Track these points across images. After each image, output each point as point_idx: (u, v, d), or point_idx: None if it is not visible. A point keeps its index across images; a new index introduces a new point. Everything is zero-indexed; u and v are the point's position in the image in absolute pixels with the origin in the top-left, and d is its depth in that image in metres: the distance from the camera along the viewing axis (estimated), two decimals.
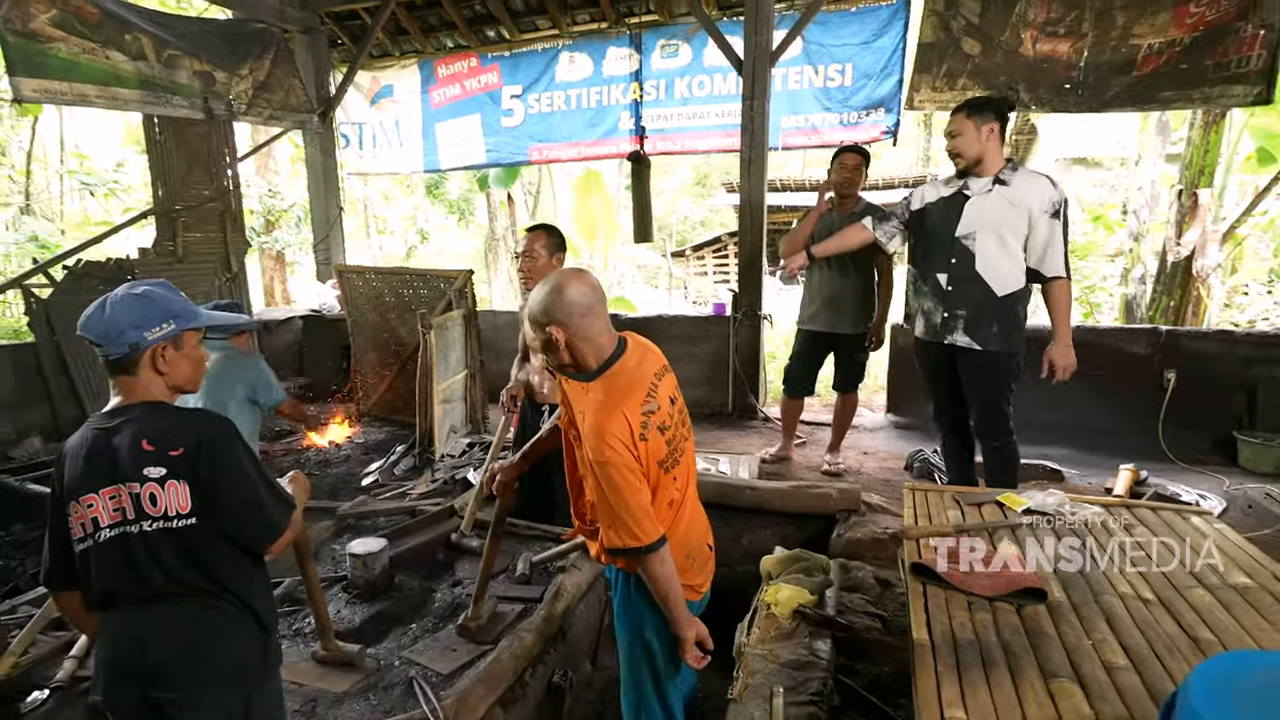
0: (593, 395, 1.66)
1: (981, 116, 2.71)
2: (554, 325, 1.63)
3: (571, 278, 1.68)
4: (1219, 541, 1.87)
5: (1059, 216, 2.65)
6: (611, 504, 1.59)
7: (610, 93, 5.65)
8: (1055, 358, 2.76)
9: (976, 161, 2.75)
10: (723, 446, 4.45)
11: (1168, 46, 4.32)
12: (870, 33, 4.91)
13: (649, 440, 1.63)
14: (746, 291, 4.94)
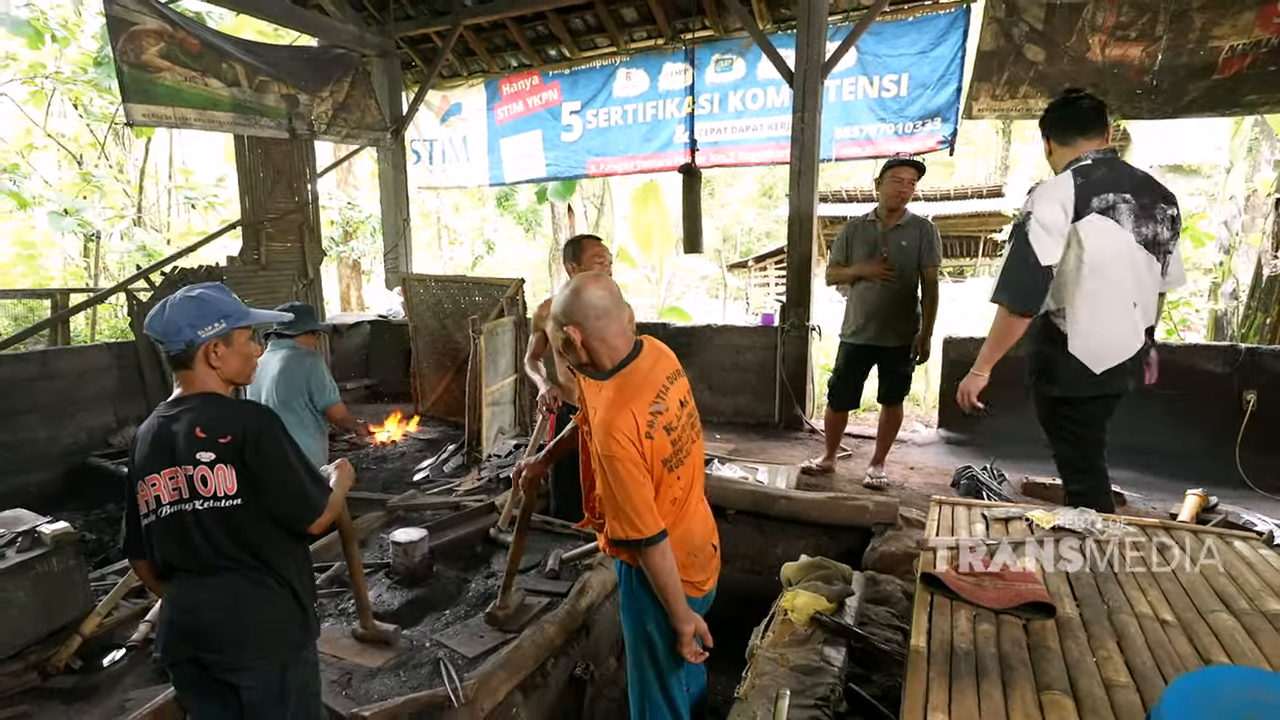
0: (605, 393, 1.75)
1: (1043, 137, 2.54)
2: (571, 325, 1.73)
3: (590, 282, 1.78)
4: (1261, 568, 1.78)
5: (1011, 237, 2.37)
6: (616, 496, 1.67)
7: (665, 107, 5.77)
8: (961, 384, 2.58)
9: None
10: (765, 456, 4.45)
11: (1252, 48, 4.08)
12: (928, 42, 4.85)
13: (654, 439, 1.71)
14: (795, 303, 4.93)
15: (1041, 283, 2.31)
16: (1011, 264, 2.33)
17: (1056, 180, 2.35)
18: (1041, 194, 2.34)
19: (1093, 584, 1.75)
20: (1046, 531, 2.07)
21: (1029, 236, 2.30)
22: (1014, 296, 2.34)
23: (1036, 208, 2.31)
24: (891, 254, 3.65)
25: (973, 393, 2.53)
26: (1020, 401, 4.45)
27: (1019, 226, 2.34)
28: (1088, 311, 2.39)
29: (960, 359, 4.66)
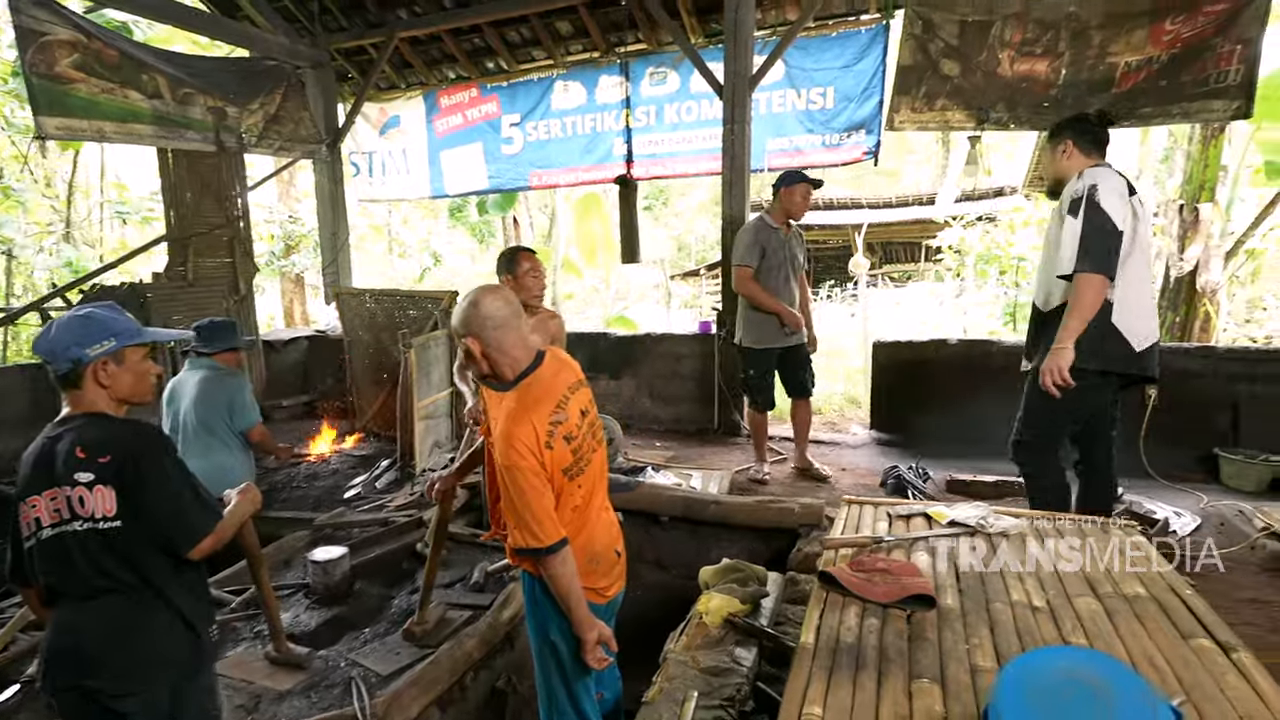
0: (506, 403, 1.76)
1: (1057, 135, 2.67)
2: (470, 337, 1.74)
3: (487, 293, 1.79)
4: (1129, 553, 1.88)
5: (1076, 211, 2.38)
6: (516, 506, 1.68)
7: (603, 119, 5.82)
8: (1044, 363, 2.47)
9: (1056, 181, 2.66)
10: (702, 463, 4.50)
11: (1146, 64, 4.33)
12: (851, 56, 5.01)
13: (554, 449, 1.72)
14: (730, 310, 5.00)
15: (1117, 247, 2.34)
16: (1088, 231, 2.33)
17: (1099, 169, 2.46)
18: (1097, 173, 2.43)
19: (978, 575, 1.83)
20: (942, 526, 2.15)
21: (1101, 204, 2.33)
22: (1097, 262, 2.33)
23: (1100, 181, 2.37)
24: (791, 259, 3.96)
25: (1063, 367, 2.40)
26: (945, 400, 4.64)
27: (1085, 198, 2.36)
28: (1130, 287, 2.43)
29: (889, 362, 4.81)
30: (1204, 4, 4.10)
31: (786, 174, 3.93)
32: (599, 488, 1.96)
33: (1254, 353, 3.97)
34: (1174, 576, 1.74)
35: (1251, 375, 3.94)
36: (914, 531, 2.14)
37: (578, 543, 1.78)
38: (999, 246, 8.25)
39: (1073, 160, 2.56)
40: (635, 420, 5.49)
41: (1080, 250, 2.34)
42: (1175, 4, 4.16)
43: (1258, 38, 4.05)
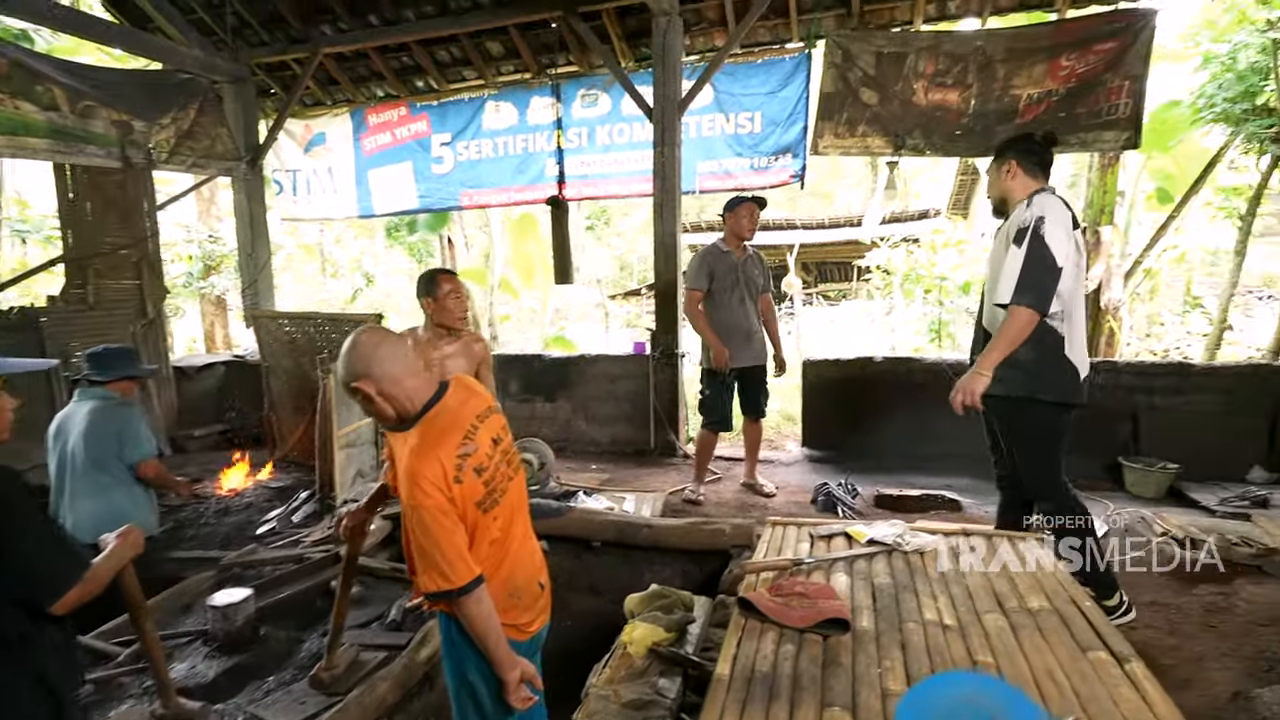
0: (410, 440, 1.67)
1: (1001, 155, 2.64)
2: (360, 380, 1.65)
3: (366, 333, 1.71)
4: (1034, 565, 1.93)
5: (1021, 242, 2.35)
6: (424, 547, 1.59)
7: (535, 140, 5.79)
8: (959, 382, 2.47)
9: (1001, 200, 2.64)
10: (638, 485, 4.45)
11: (1046, 96, 4.60)
12: (776, 83, 5.15)
13: (464, 482, 1.64)
14: (664, 330, 5.02)
15: (1055, 283, 2.32)
16: (1029, 265, 2.30)
17: (1048, 196, 2.44)
18: (1046, 203, 2.40)
19: (894, 594, 1.84)
20: (862, 545, 2.16)
21: (1046, 239, 2.31)
22: (1037, 298, 2.30)
23: (1047, 212, 2.35)
24: (747, 282, 3.94)
25: (977, 391, 2.40)
26: (872, 417, 4.76)
27: (1030, 230, 2.33)
28: (1075, 321, 2.46)
29: (819, 380, 4.90)
30: (1095, 43, 4.40)
31: (730, 199, 3.96)
32: (518, 518, 1.88)
33: (1150, 366, 4.22)
34: (1075, 587, 1.79)
35: (1149, 388, 4.18)
36: (834, 552, 2.15)
37: (497, 577, 1.70)
38: (923, 266, 8.59)
39: (1017, 180, 2.55)
40: (571, 443, 5.41)
41: (1020, 282, 2.32)
42: (1070, 42, 4.46)
43: (1142, 75, 4.37)
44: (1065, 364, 2.44)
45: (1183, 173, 7.15)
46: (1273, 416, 3.98)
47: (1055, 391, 2.46)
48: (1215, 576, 2.94)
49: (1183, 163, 7.14)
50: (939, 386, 4.56)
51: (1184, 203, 6.63)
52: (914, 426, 4.64)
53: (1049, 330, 2.40)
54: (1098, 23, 4.42)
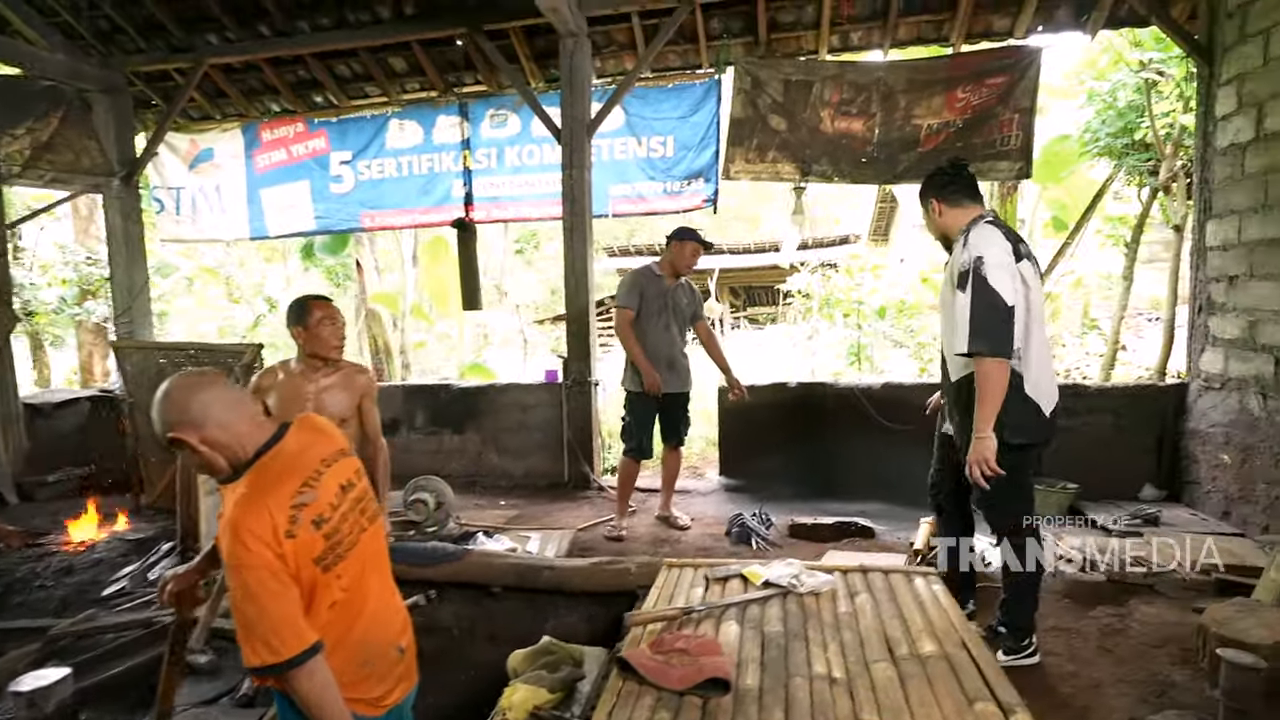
0: (239, 490, 1.45)
1: (924, 199, 2.58)
2: (179, 430, 1.43)
3: (179, 377, 1.50)
4: (929, 606, 1.87)
5: (964, 286, 2.27)
6: (246, 613, 1.36)
7: (441, 160, 5.59)
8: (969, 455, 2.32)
9: (943, 238, 2.56)
10: (548, 521, 4.26)
11: (944, 127, 4.78)
12: (688, 107, 5.16)
13: (298, 536, 1.43)
14: (576, 357, 4.87)
15: (1010, 324, 2.24)
16: (977, 310, 2.23)
17: (982, 229, 2.35)
18: (981, 239, 2.31)
19: (783, 645, 1.73)
20: (757, 588, 2.06)
21: (988, 280, 2.23)
22: (994, 343, 2.22)
23: (984, 251, 2.26)
24: (674, 308, 3.93)
25: (989, 456, 2.26)
26: (787, 443, 4.74)
27: (971, 273, 2.26)
28: (1035, 355, 2.37)
29: (734, 406, 4.83)
30: (987, 77, 4.61)
31: (681, 229, 3.93)
32: (371, 575, 1.67)
33: None
34: (967, 630, 1.73)
35: None
36: (728, 597, 2.03)
37: (345, 644, 1.49)
38: (841, 291, 8.81)
39: (947, 216, 2.50)
40: (482, 477, 5.16)
41: (972, 329, 2.24)
42: (964, 75, 4.65)
43: (1031, 108, 4.59)
44: (1026, 403, 2.36)
45: (1075, 202, 7.61)
46: (1160, 435, 4.18)
47: (1018, 433, 2.36)
48: (1111, 597, 3.01)
49: (1074, 193, 7.62)
50: (851, 412, 4.66)
51: (1076, 231, 7.05)
52: (828, 452, 4.65)
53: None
54: (988, 58, 4.64)
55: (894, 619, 1.80)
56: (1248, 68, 3.53)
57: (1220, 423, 3.79)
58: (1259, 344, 3.48)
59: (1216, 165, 3.80)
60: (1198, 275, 4.00)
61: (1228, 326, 3.73)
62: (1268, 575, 2.61)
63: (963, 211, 2.47)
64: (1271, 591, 2.56)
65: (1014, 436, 2.36)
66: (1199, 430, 3.94)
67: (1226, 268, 3.73)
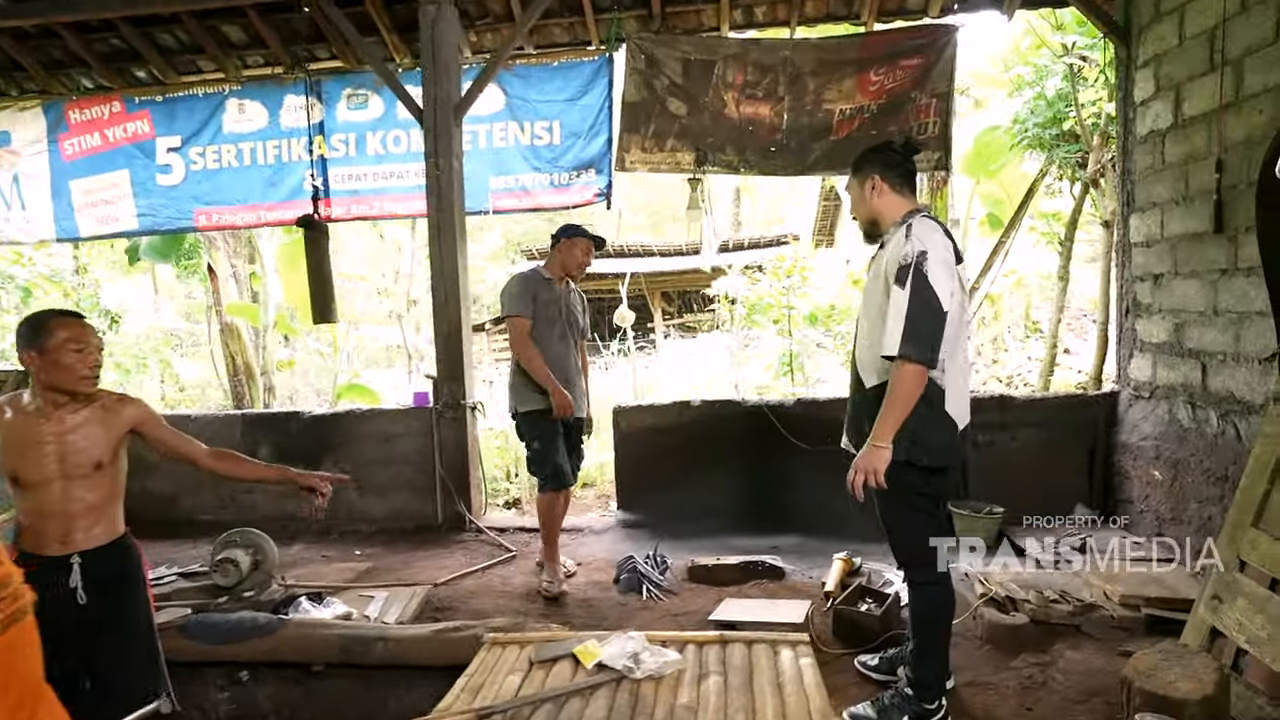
0: None
1: (862, 171, 2.43)
2: None
3: None
4: (790, 687, 1.62)
5: (904, 282, 2.16)
6: None
7: (291, 147, 5.16)
8: (857, 459, 2.23)
9: (871, 223, 2.43)
10: (404, 574, 3.87)
11: (858, 112, 4.67)
12: (575, 89, 4.91)
13: None
14: (448, 377, 4.52)
15: (941, 330, 2.15)
16: (915, 310, 2.12)
17: (926, 222, 2.26)
18: (925, 233, 2.21)
19: None
20: (588, 671, 1.77)
21: (930, 278, 2.13)
22: (923, 349, 2.11)
23: (929, 246, 2.16)
24: (568, 317, 3.66)
25: (880, 468, 2.16)
26: (690, 471, 4.50)
27: (912, 268, 2.14)
28: (957, 366, 2.28)
29: (631, 429, 4.59)
30: (901, 58, 4.53)
31: (569, 226, 3.63)
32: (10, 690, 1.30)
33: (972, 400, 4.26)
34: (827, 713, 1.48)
35: (973, 422, 4.20)
36: (550, 685, 1.73)
37: None
38: (769, 295, 8.72)
39: (885, 198, 2.36)
40: (339, 521, 4.72)
41: (906, 332, 2.13)
42: (877, 56, 4.56)
43: (948, 94, 4.54)
44: (944, 422, 2.27)
45: (1011, 197, 7.74)
46: (1092, 449, 4.14)
47: (930, 454, 2.26)
48: (1035, 642, 2.87)
49: (1009, 188, 7.75)
50: (764, 433, 4.46)
51: (1010, 228, 7.13)
52: (738, 480, 4.44)
53: (928, 382, 2.20)
54: (902, 37, 4.57)
55: (741, 712, 1.54)
56: (1163, 48, 3.52)
57: (1151, 435, 3.75)
58: (1186, 348, 3.45)
59: (1138, 154, 3.80)
60: (1123, 274, 3.98)
61: (1154, 329, 3.70)
62: (1196, 613, 2.50)
63: (904, 200, 2.37)
64: (1200, 633, 2.45)
65: (928, 457, 2.26)
66: (1130, 443, 3.90)
67: (1150, 265, 3.70)
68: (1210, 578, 2.47)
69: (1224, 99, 3.05)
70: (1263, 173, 2.76)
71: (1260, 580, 2.30)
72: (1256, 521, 2.30)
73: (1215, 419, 3.26)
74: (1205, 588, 2.48)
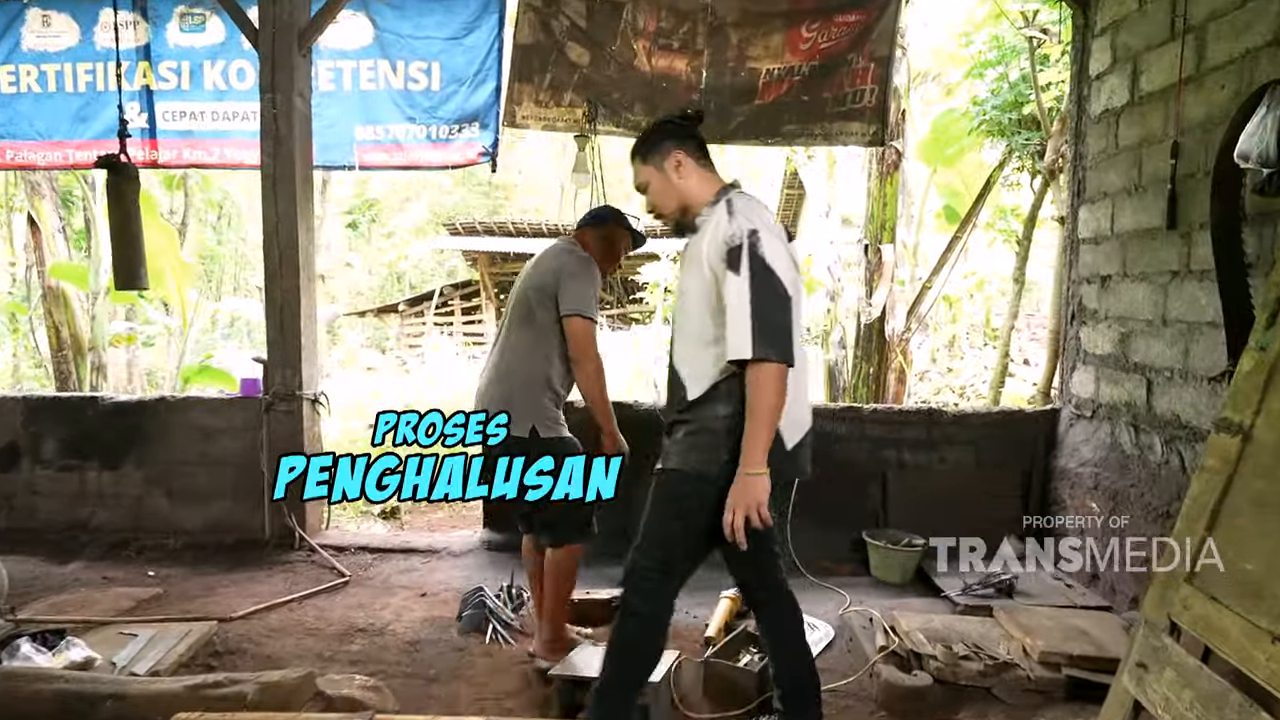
0: None
1: (657, 151, 2.16)
2: None
3: None
4: None
5: (738, 266, 1.92)
6: None
7: (109, 73, 4.58)
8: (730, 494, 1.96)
9: (682, 209, 2.18)
10: (203, 604, 3.41)
11: (786, 74, 4.38)
12: (459, 25, 4.49)
13: None
14: (281, 362, 4.05)
15: (790, 320, 1.97)
16: (760, 301, 1.90)
17: (748, 197, 2.11)
18: (749, 208, 2.05)
19: None
20: None
21: (767, 260, 1.94)
22: (781, 346, 1.91)
23: (760, 225, 1.98)
24: None
25: (762, 501, 1.92)
26: None
27: (745, 250, 1.93)
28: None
29: None
30: (837, 13, 4.25)
31: (618, 211, 3.04)
32: None
33: (897, 415, 4.04)
34: None
35: (898, 441, 3.99)
36: None
37: None
38: None
39: (693, 177, 2.15)
40: (145, 533, 4.21)
41: (756, 328, 1.90)
42: (810, 9, 4.27)
43: (889, 57, 4.27)
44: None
45: (968, 188, 7.60)
46: (1027, 473, 3.93)
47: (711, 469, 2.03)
48: (939, 707, 2.60)
49: (967, 178, 7.61)
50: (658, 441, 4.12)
51: (965, 223, 6.98)
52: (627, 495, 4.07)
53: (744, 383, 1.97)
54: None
55: None
56: (1123, 13, 3.30)
57: (1091, 460, 3.55)
58: (1132, 362, 3.24)
59: (1090, 137, 3.58)
60: (1070, 275, 3.78)
61: (1099, 339, 3.49)
62: (1119, 683, 2.24)
63: (713, 175, 2.20)
64: (1122, 708, 2.19)
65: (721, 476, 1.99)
66: (1069, 469, 3.70)
67: (1099, 266, 3.49)
68: (1135, 640, 2.22)
69: (1184, 72, 2.82)
70: (1219, 159, 2.54)
71: (1192, 648, 2.04)
72: (1190, 577, 2.05)
73: (1159, 445, 3.05)
74: (1129, 653, 2.22)
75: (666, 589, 2.13)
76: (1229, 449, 2.04)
